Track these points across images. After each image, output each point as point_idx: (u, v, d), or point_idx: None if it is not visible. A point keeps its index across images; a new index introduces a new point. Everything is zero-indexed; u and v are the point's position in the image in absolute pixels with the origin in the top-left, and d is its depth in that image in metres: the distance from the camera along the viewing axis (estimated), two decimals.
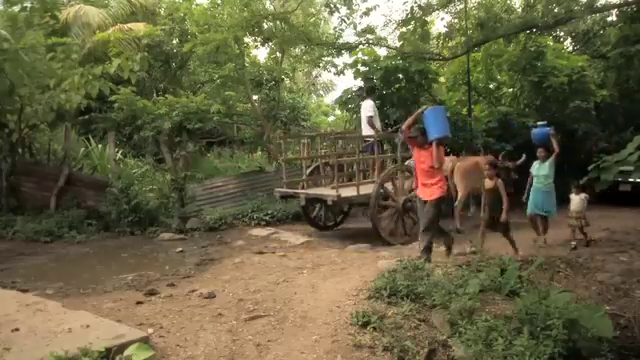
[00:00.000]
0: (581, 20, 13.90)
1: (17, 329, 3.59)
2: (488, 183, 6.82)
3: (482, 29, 12.22)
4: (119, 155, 12.83)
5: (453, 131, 11.69)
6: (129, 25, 12.04)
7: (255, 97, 14.46)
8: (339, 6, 12.25)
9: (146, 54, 9.35)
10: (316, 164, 9.77)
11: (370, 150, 9.31)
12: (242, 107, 14.35)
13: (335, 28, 13.29)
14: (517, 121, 12.35)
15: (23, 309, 4.05)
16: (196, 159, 13.66)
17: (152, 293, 5.08)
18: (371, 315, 4.02)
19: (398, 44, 13.15)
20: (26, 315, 3.92)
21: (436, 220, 6.11)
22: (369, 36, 12.55)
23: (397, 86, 11.94)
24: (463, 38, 12.97)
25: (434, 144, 5.94)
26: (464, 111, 12.63)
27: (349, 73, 12.88)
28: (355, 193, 8.20)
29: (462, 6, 13.26)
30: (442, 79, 14.30)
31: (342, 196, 8.07)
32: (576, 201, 7.38)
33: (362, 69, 12.23)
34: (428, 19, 12.90)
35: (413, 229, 8.12)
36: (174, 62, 15.82)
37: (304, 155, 9.90)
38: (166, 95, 12.61)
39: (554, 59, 12.41)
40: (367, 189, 8.19)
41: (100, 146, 12.76)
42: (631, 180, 10.41)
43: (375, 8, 12.29)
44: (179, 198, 10.32)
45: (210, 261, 7.04)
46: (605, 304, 4.83)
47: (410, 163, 8.06)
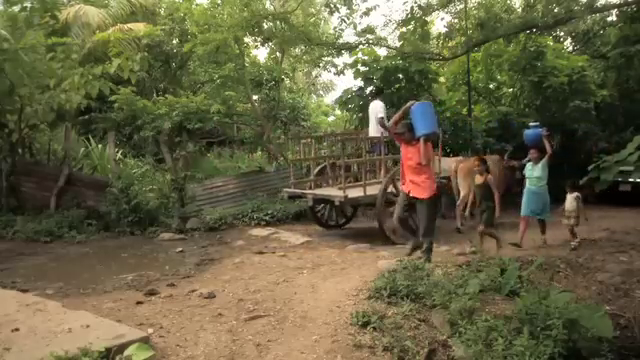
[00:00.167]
0: (581, 20, 13.88)
1: (17, 329, 3.59)
2: (478, 179, 6.83)
3: (482, 29, 12.21)
4: (119, 155, 12.83)
5: (453, 131, 11.87)
6: (129, 25, 12.04)
7: (255, 97, 14.44)
8: (339, 6, 12.25)
9: (146, 54, 9.35)
10: (323, 164, 9.79)
11: (377, 151, 9.36)
12: (242, 107, 14.34)
13: (335, 28, 13.32)
14: (517, 121, 12.35)
15: (23, 309, 4.05)
16: (196, 159, 13.67)
17: (152, 293, 5.08)
18: (371, 315, 4.02)
19: (398, 44, 13.17)
20: (26, 315, 3.92)
21: (432, 219, 6.09)
22: (369, 36, 12.57)
23: (397, 86, 11.96)
24: (463, 38, 12.96)
25: (422, 140, 5.82)
26: (464, 111, 12.63)
27: (349, 73, 12.92)
28: (362, 194, 8.22)
29: (462, 6, 13.26)
30: (442, 79, 14.30)
31: (349, 197, 8.10)
32: (569, 200, 7.31)
33: (362, 69, 12.25)
34: (428, 19, 12.91)
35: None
36: (174, 62, 15.82)
37: (312, 156, 9.93)
38: (166, 95, 12.60)
39: (554, 59, 12.40)
40: (374, 189, 8.21)
41: (100, 146, 12.76)
42: (631, 180, 10.38)
43: (375, 8, 12.33)
44: (179, 198, 10.32)
45: (210, 261, 7.03)
46: (605, 304, 4.83)
47: None
